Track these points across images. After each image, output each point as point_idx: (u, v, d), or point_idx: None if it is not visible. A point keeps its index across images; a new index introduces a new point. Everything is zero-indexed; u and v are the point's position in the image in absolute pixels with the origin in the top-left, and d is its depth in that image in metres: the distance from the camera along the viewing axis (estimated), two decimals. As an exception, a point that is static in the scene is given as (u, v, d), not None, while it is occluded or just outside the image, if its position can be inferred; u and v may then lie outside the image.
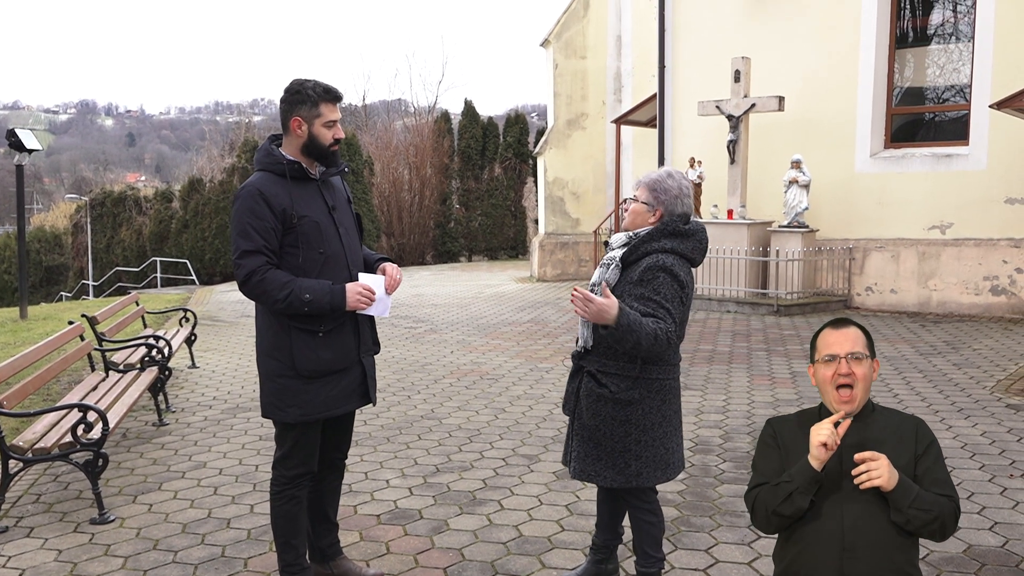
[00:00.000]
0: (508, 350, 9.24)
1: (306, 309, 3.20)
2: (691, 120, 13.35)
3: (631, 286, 3.16)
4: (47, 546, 4.11)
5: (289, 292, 3.18)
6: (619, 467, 3.23)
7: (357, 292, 3.29)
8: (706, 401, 6.79)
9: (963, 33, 11.85)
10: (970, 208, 11.34)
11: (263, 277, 3.19)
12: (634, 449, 3.22)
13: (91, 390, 5.87)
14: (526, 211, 27.67)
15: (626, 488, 3.28)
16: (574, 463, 3.34)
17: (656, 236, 3.20)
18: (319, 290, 3.21)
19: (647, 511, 3.34)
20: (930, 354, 8.61)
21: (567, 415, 3.41)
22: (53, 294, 30.31)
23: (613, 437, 3.22)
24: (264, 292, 3.19)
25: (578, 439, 3.33)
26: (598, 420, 3.23)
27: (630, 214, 3.31)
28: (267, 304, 3.24)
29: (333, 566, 3.65)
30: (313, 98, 3.27)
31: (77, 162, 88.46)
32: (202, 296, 16.11)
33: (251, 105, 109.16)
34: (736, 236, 12.06)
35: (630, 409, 3.21)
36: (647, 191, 3.27)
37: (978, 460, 5.17)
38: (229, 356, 9.22)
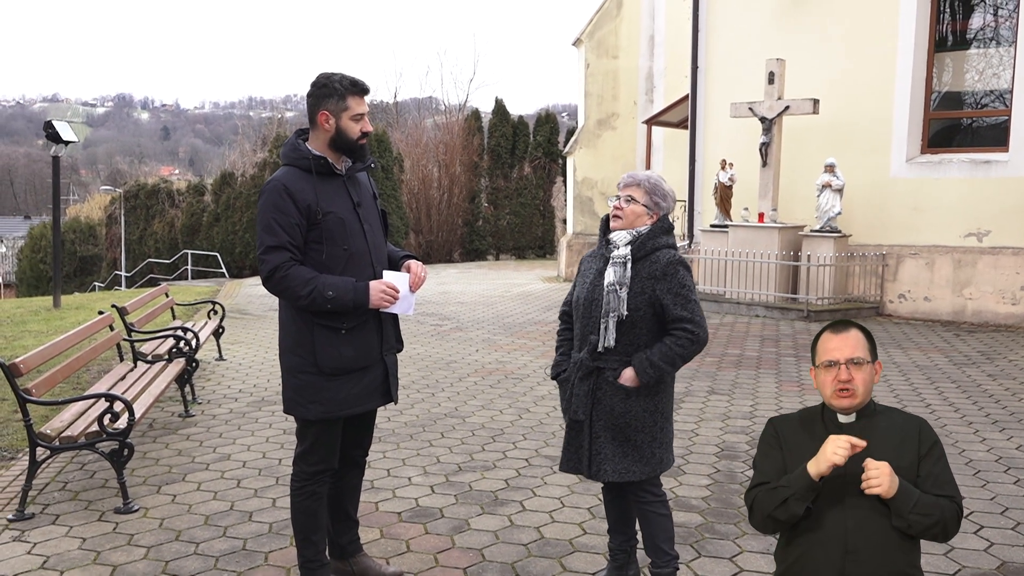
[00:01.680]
0: (533, 350, 9.20)
1: (329, 306, 3.18)
2: (723, 122, 13.21)
3: (653, 281, 3.24)
4: (72, 534, 4.14)
5: (312, 288, 3.16)
6: (646, 458, 3.28)
7: (380, 290, 3.27)
8: (733, 406, 6.70)
9: (1004, 37, 11.60)
10: (1008, 216, 11.10)
11: (287, 273, 3.17)
12: (659, 437, 3.32)
13: (119, 380, 5.92)
14: (554, 211, 27.62)
15: (637, 482, 3.29)
16: (605, 466, 3.27)
17: (658, 233, 3.35)
18: (342, 287, 3.19)
19: (658, 503, 3.35)
20: (964, 364, 8.43)
21: (579, 419, 3.31)
22: (87, 284, 30.80)
23: (644, 429, 3.27)
24: (287, 288, 3.18)
25: (603, 440, 3.28)
26: (629, 417, 3.26)
27: (629, 215, 3.34)
28: (290, 300, 3.23)
29: (353, 563, 3.63)
30: (340, 91, 3.24)
31: (113, 154, 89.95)
32: (231, 289, 16.25)
33: (284, 101, 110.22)
34: (767, 240, 11.91)
35: (657, 398, 3.30)
36: (647, 195, 3.36)
37: (1013, 474, 5.04)
38: (256, 349, 9.28)
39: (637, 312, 3.23)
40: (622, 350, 3.25)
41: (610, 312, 3.24)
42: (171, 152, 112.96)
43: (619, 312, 3.22)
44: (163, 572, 3.73)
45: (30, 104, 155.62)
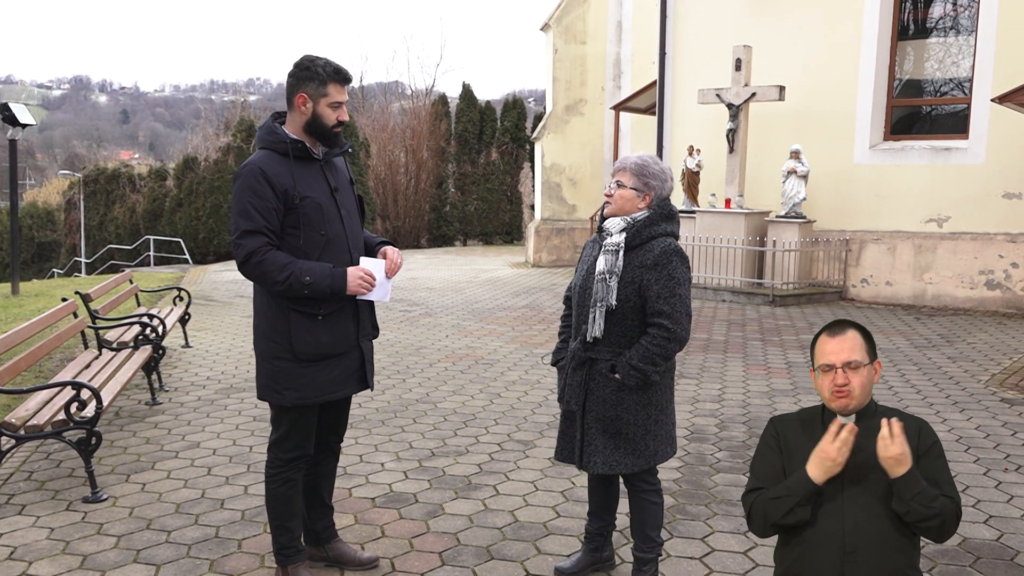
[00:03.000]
0: (503, 335, 9.22)
1: (306, 292, 3.15)
2: (691, 108, 13.30)
3: (644, 270, 3.14)
4: (39, 524, 4.08)
5: (289, 274, 3.12)
6: (639, 451, 3.22)
7: (358, 276, 3.24)
8: (701, 390, 6.78)
9: (964, 27, 11.80)
10: (967, 202, 11.34)
11: (263, 258, 3.13)
12: (653, 430, 3.24)
13: (84, 368, 5.83)
14: (522, 196, 27.59)
15: (634, 471, 3.26)
16: (596, 457, 3.24)
17: (656, 220, 3.22)
18: (320, 273, 3.17)
19: (653, 492, 3.34)
20: (925, 347, 8.62)
21: (572, 409, 3.29)
22: (45, 270, 30.19)
23: (635, 422, 3.21)
24: (264, 273, 3.14)
25: (595, 432, 3.24)
26: (619, 409, 3.19)
27: (618, 200, 3.24)
28: (267, 286, 3.19)
29: (328, 549, 3.63)
30: (322, 76, 3.20)
31: (70, 138, 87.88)
32: (196, 275, 16.03)
33: (247, 84, 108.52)
34: (733, 225, 12.04)
35: (651, 392, 3.22)
36: (633, 177, 3.23)
37: (973, 454, 5.18)
38: (223, 336, 9.18)
39: (627, 303, 3.13)
40: (614, 341, 3.18)
41: (598, 302, 3.15)
42: (131, 136, 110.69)
43: (608, 302, 3.13)
44: (134, 561, 3.70)
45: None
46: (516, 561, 3.70)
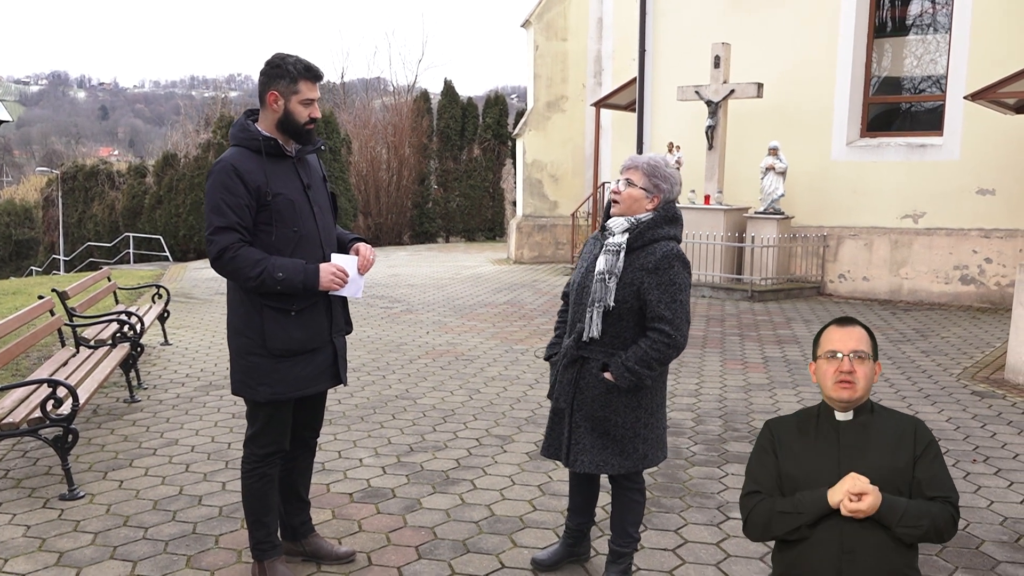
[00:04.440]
0: (484, 331, 9.25)
1: (279, 288, 3.17)
2: (670, 105, 13.37)
3: (644, 273, 3.11)
4: (15, 521, 4.08)
5: (262, 270, 3.14)
6: (627, 452, 3.21)
7: (331, 272, 3.27)
8: (679, 384, 6.85)
9: (940, 24, 11.94)
10: (942, 198, 11.49)
11: (236, 254, 3.15)
12: (643, 433, 3.22)
13: (61, 365, 5.81)
14: (504, 193, 27.61)
15: (621, 473, 3.26)
16: (583, 456, 3.23)
17: (659, 223, 3.19)
18: (292, 269, 3.19)
19: (636, 491, 3.36)
20: (899, 341, 8.73)
21: (561, 406, 3.29)
22: (23, 268, 29.89)
23: (624, 424, 3.19)
24: (236, 269, 3.16)
25: (583, 431, 3.23)
26: (608, 410, 3.18)
27: (627, 199, 3.20)
28: (239, 281, 3.21)
29: (305, 544, 3.65)
30: (293, 74, 3.22)
31: (48, 135, 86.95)
32: (176, 273, 15.94)
33: (227, 80, 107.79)
34: (712, 221, 12.13)
35: (640, 395, 3.20)
36: (645, 177, 3.20)
37: (943, 445, 5.27)
38: (202, 334, 9.15)
39: (624, 304, 3.11)
40: (608, 342, 3.16)
41: (596, 302, 3.13)
42: (110, 132, 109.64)
43: (606, 302, 3.11)
44: (111, 557, 3.70)
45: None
46: (492, 554, 3.74)
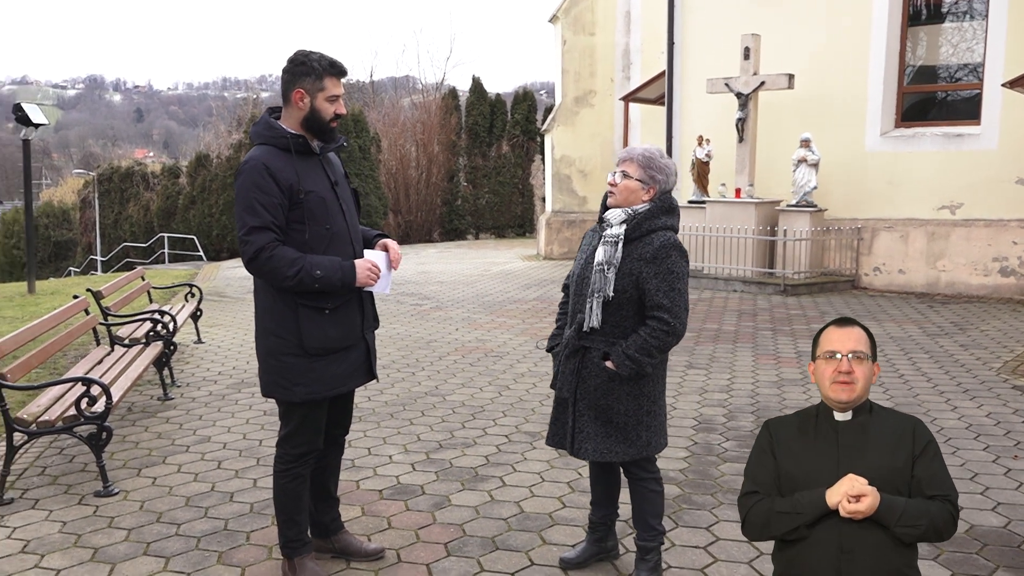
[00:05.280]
0: (513, 328, 9.23)
1: (316, 286, 3.14)
2: (700, 98, 13.22)
3: (642, 263, 3.16)
4: (52, 518, 4.14)
5: (299, 269, 3.11)
6: (631, 440, 3.25)
7: (367, 268, 3.26)
8: (710, 380, 6.77)
9: (977, 11, 11.68)
10: (980, 188, 11.24)
11: (272, 254, 3.11)
12: (645, 420, 3.26)
13: (96, 364, 5.89)
14: (533, 189, 27.55)
15: (631, 460, 3.28)
16: (587, 444, 3.28)
17: (656, 214, 3.24)
18: (329, 267, 3.17)
19: (652, 480, 3.36)
20: (937, 335, 8.56)
21: (564, 396, 3.34)
22: (62, 269, 30.44)
23: (626, 412, 3.23)
24: (273, 269, 3.12)
25: (587, 419, 3.28)
26: (610, 399, 3.22)
27: (623, 191, 3.25)
28: (276, 281, 3.17)
29: (334, 541, 3.66)
30: (318, 70, 3.20)
31: (85, 137, 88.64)
32: (209, 272, 16.13)
33: (259, 81, 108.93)
34: (743, 215, 11.98)
35: (642, 383, 3.24)
36: (640, 169, 3.24)
37: (983, 441, 5.15)
38: (235, 332, 9.24)
39: (624, 294, 3.17)
40: (608, 331, 3.21)
41: (595, 292, 3.18)
42: (145, 134, 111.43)
43: (605, 293, 3.16)
44: (144, 554, 3.74)
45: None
46: (521, 551, 3.72)
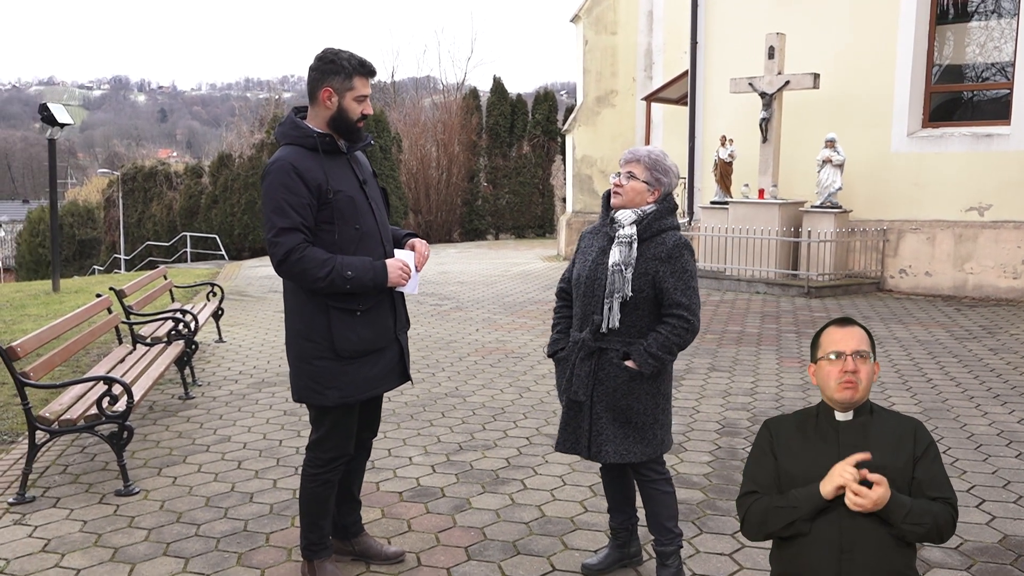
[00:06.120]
0: (534, 328, 9.18)
1: (348, 287, 3.09)
2: (723, 97, 13.11)
3: (657, 263, 3.20)
4: (73, 516, 4.14)
5: (331, 270, 3.06)
6: (647, 439, 3.26)
7: (398, 268, 3.22)
8: (734, 383, 6.69)
9: (1006, 10, 11.48)
10: (1009, 189, 11.04)
11: (302, 255, 3.06)
12: (660, 418, 3.29)
13: (118, 363, 5.91)
14: (554, 189, 27.50)
15: (641, 461, 3.26)
16: (607, 447, 3.24)
17: (664, 215, 3.29)
18: (361, 267, 3.12)
19: (663, 480, 3.34)
20: (965, 339, 8.41)
21: (580, 400, 3.26)
22: (86, 267, 30.77)
23: (645, 411, 3.25)
24: (304, 271, 3.07)
25: (605, 421, 3.24)
26: (631, 398, 3.22)
27: (629, 192, 3.26)
28: (307, 283, 3.11)
29: (354, 543, 3.63)
30: (348, 70, 3.15)
31: (110, 137, 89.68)
32: (231, 271, 16.22)
33: (281, 82, 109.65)
34: (767, 216, 11.86)
35: (659, 380, 3.27)
36: (647, 171, 3.27)
37: (1014, 448, 5.04)
38: (256, 331, 9.26)
39: (640, 293, 3.19)
40: (625, 331, 3.22)
41: (615, 292, 3.19)
42: (168, 134, 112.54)
43: (624, 293, 3.18)
44: (164, 554, 3.73)
45: (26, 87, 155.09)
46: (543, 556, 3.67)
